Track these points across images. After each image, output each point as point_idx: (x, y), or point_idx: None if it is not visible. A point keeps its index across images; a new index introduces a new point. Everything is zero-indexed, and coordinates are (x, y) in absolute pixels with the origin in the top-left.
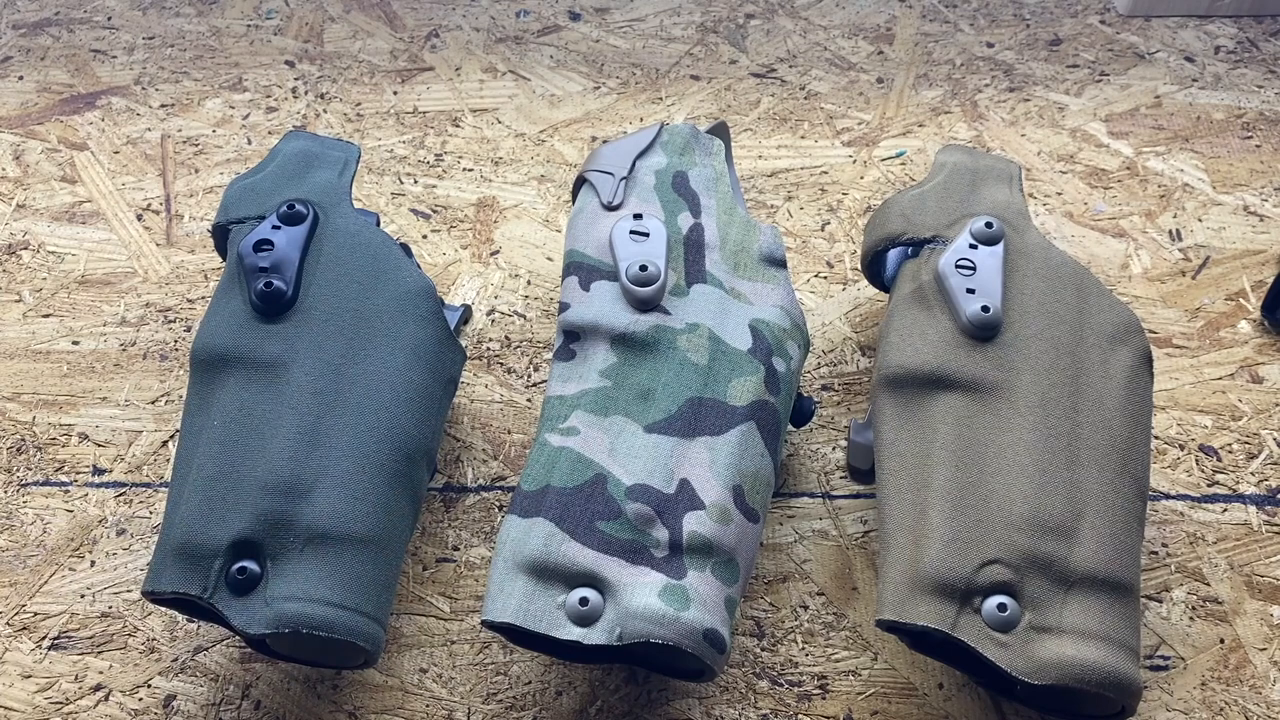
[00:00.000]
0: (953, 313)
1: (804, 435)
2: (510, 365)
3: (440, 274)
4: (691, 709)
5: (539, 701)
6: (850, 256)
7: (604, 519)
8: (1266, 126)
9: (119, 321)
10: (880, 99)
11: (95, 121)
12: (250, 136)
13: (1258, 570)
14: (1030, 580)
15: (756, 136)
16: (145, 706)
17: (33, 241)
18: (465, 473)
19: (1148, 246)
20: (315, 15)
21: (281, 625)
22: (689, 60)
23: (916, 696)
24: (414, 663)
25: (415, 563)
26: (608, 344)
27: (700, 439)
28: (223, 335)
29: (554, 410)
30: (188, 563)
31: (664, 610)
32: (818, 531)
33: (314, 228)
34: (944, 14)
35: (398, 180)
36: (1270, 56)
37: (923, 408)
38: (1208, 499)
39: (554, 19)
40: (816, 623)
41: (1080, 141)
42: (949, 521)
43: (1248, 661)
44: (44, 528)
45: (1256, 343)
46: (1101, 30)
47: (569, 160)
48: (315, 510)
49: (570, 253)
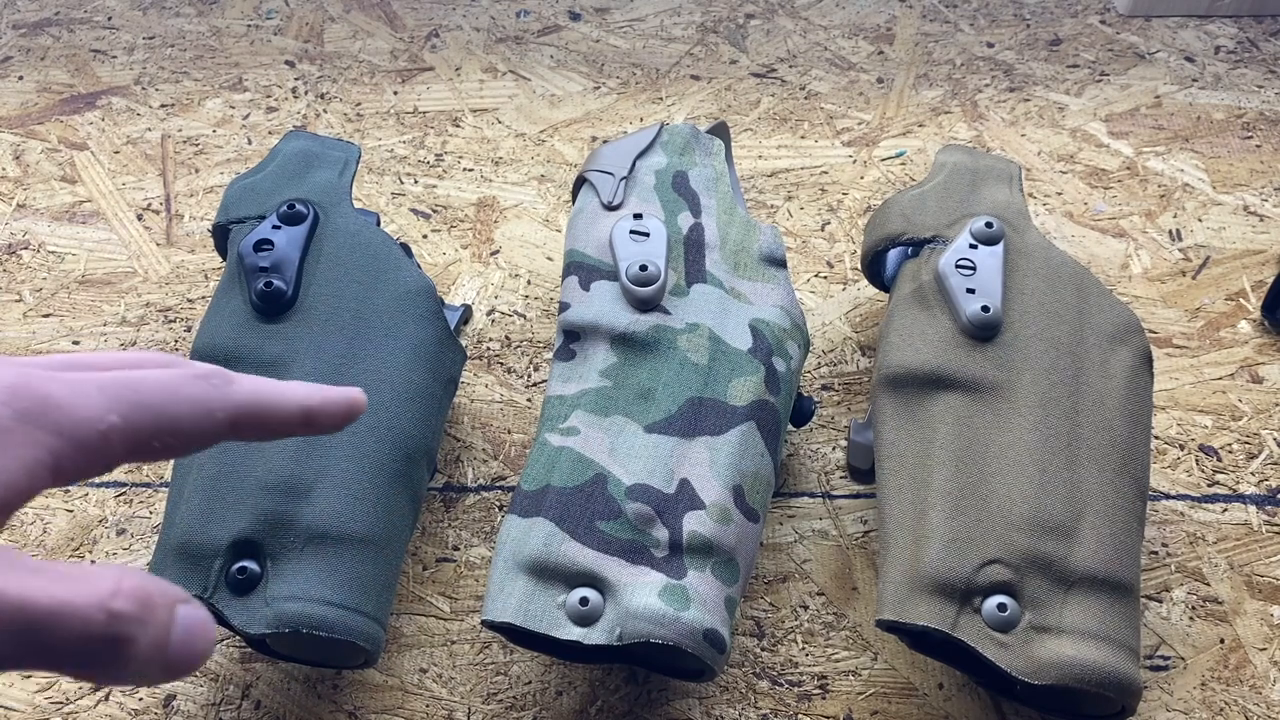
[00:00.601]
0: (953, 313)
1: (804, 435)
2: (510, 365)
3: (440, 274)
4: (691, 709)
5: (539, 701)
6: (850, 256)
7: (604, 519)
8: (1266, 126)
9: (119, 321)
10: (880, 99)
11: (95, 121)
12: (250, 136)
13: (1258, 570)
14: (1030, 580)
15: (756, 136)
16: (145, 706)
17: (33, 241)
18: (465, 473)
19: (1148, 246)
20: (315, 15)
21: (282, 625)
22: (689, 60)
23: (916, 696)
24: (414, 663)
25: (415, 563)
26: (608, 344)
27: (700, 439)
28: (223, 335)
29: (554, 410)
30: (188, 562)
31: (664, 610)
32: (818, 531)
33: (314, 227)
34: (944, 14)
35: (398, 180)
36: (1270, 56)
37: (923, 408)
38: (1208, 499)
39: (554, 19)
40: (816, 623)
41: (1080, 141)
42: (949, 521)
43: (1248, 661)
44: (44, 528)
45: (1256, 343)
46: (1101, 30)
47: (569, 160)
48: (315, 510)
49: (570, 253)
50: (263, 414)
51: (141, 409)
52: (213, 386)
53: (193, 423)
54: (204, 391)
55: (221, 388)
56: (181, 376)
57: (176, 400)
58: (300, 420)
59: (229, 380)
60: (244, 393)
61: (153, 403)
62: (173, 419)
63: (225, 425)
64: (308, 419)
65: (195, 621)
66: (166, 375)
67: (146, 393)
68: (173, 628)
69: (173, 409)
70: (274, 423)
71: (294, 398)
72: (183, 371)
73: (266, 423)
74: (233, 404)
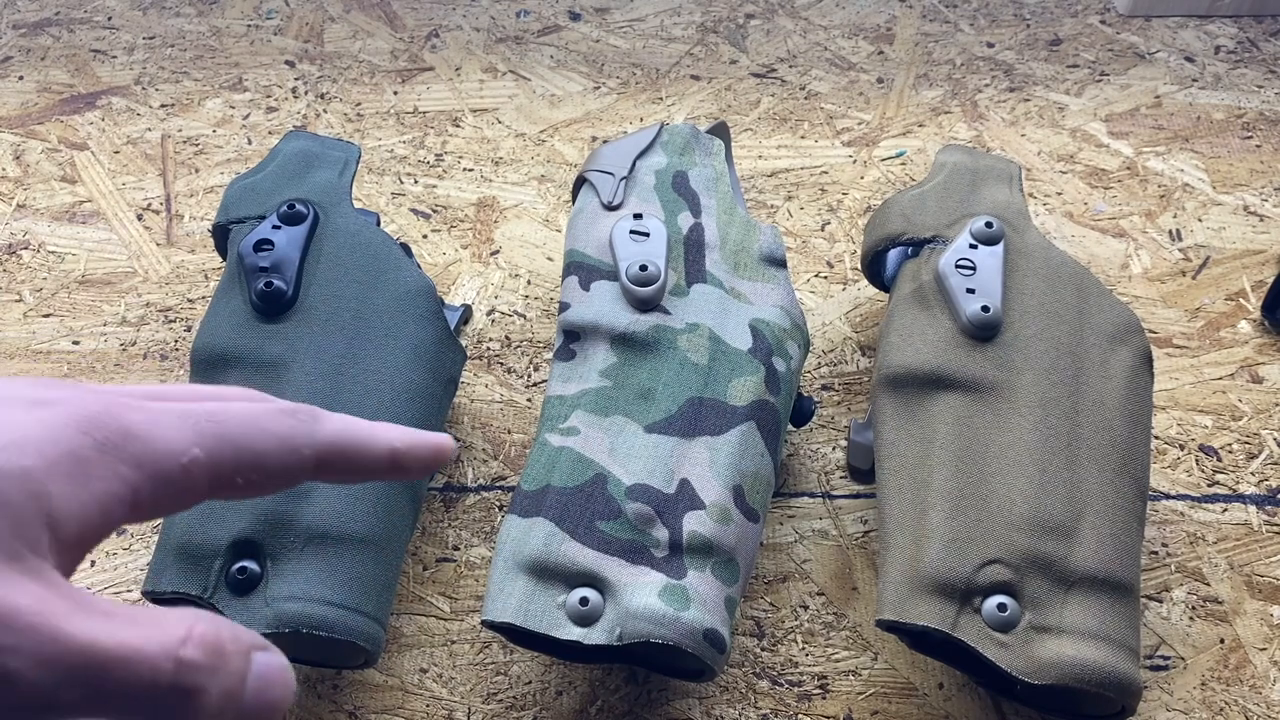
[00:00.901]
0: (953, 313)
1: (804, 435)
2: (510, 365)
3: (440, 274)
4: (691, 709)
5: (539, 701)
6: (850, 256)
7: (604, 519)
8: (1266, 126)
9: (119, 321)
10: (880, 99)
11: (95, 121)
12: (250, 136)
13: (1258, 570)
14: (1030, 580)
15: (756, 136)
16: None
17: (33, 241)
18: (465, 473)
19: (1148, 246)
20: (315, 15)
21: (281, 625)
22: (689, 60)
23: (916, 696)
24: (414, 663)
25: (415, 563)
26: (608, 344)
27: (700, 439)
28: (223, 335)
29: (554, 410)
30: (188, 563)
31: (664, 610)
32: (818, 531)
33: (314, 227)
34: (944, 14)
35: (398, 180)
36: (1270, 56)
37: (923, 408)
38: (1208, 499)
39: (554, 19)
40: (816, 623)
41: (1080, 141)
42: (949, 521)
43: (1248, 661)
44: None
45: (1256, 343)
46: (1101, 30)
47: (569, 160)
48: (315, 510)
49: (570, 253)
50: (350, 453)
51: (225, 442)
52: (300, 422)
53: (278, 459)
54: (290, 427)
55: (309, 423)
56: (267, 411)
57: (263, 435)
58: (388, 462)
59: (316, 417)
60: (332, 430)
61: (237, 436)
62: (257, 454)
63: (311, 462)
64: (395, 461)
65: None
66: (252, 409)
67: (231, 425)
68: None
69: (258, 444)
70: (361, 462)
71: (384, 438)
72: (268, 406)
73: (353, 461)
74: (320, 441)
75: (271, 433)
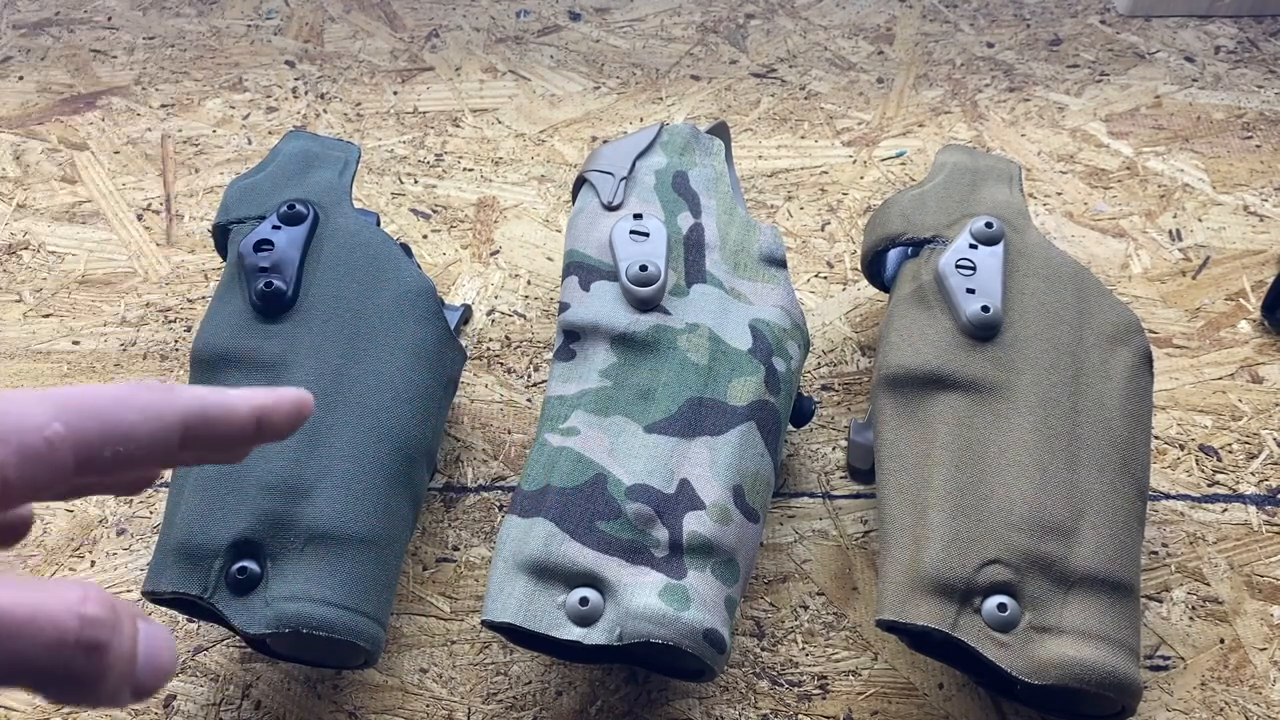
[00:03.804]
0: (953, 313)
1: (804, 435)
2: (510, 365)
3: (440, 274)
4: (691, 709)
5: (539, 701)
6: (850, 256)
7: (604, 519)
8: (1266, 126)
9: (119, 321)
10: (880, 99)
11: (95, 121)
12: (250, 136)
13: (1258, 570)
14: (1030, 580)
15: (756, 136)
16: (145, 706)
17: (33, 241)
18: (465, 473)
19: (1148, 246)
20: (315, 15)
21: (282, 625)
22: (689, 60)
23: (916, 696)
24: (414, 663)
25: (415, 563)
26: (608, 344)
27: (700, 439)
28: (223, 335)
29: (554, 410)
30: (188, 563)
31: (664, 610)
32: (818, 531)
33: (314, 228)
34: (944, 14)
35: (398, 180)
36: (1270, 56)
37: (923, 408)
38: (1208, 499)
39: (554, 19)
40: (816, 623)
41: (1080, 141)
42: (949, 521)
43: (1248, 661)
44: (44, 528)
45: (1256, 343)
46: (1101, 30)
47: (569, 160)
48: (315, 510)
49: (570, 253)
50: (213, 417)
51: (87, 415)
52: (159, 393)
53: (145, 430)
54: (150, 398)
55: (168, 393)
56: (129, 386)
57: (123, 407)
58: (253, 422)
59: (173, 389)
60: (192, 394)
61: (98, 409)
62: (122, 425)
63: (177, 430)
64: (260, 420)
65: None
66: (114, 386)
67: (92, 400)
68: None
69: (120, 414)
70: (226, 426)
71: (244, 399)
72: (129, 384)
73: (218, 425)
74: (181, 406)
75: (132, 404)
